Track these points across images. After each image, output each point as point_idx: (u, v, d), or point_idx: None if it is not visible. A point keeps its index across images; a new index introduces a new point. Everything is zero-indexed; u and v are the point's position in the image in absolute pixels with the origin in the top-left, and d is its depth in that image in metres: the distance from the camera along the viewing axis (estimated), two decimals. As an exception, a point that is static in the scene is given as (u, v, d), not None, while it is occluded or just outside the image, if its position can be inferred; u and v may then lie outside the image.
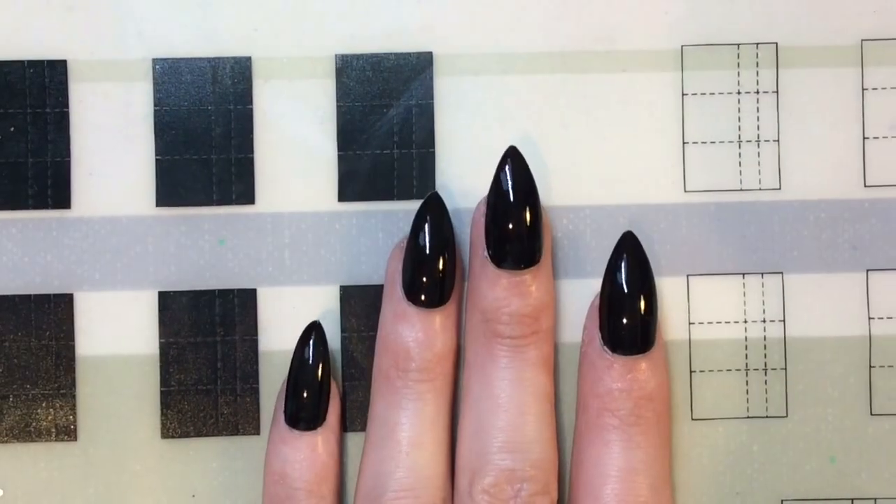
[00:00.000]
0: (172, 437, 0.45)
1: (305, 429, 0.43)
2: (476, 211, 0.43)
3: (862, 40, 0.45)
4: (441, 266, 0.42)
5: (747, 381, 0.45)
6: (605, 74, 0.45)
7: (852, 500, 0.45)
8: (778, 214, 0.45)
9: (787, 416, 0.45)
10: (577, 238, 0.45)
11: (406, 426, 0.42)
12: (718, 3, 0.45)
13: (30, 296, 0.44)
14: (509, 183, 0.42)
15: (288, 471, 0.42)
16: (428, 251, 0.42)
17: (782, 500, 0.45)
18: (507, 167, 0.42)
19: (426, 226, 0.42)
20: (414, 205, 0.44)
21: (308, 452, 0.42)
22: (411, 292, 0.42)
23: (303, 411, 0.43)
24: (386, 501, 0.41)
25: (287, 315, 0.45)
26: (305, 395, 0.43)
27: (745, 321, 0.45)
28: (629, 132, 0.45)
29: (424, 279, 0.42)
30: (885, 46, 0.45)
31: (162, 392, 0.44)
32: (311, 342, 0.43)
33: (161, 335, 0.45)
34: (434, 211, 0.43)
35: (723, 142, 0.45)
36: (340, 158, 0.45)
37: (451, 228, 0.43)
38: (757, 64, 0.45)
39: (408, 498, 0.41)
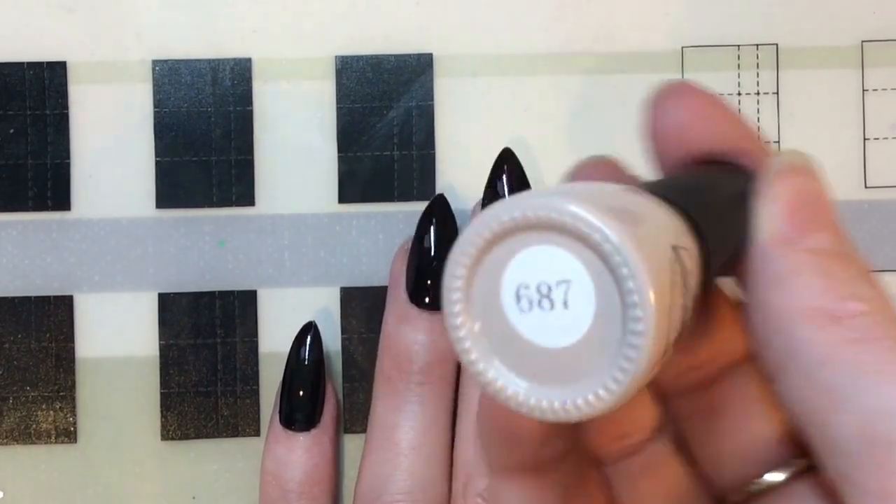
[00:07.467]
0: (172, 438, 0.44)
1: (299, 430, 0.43)
2: (472, 214, 0.43)
3: (862, 41, 0.45)
4: (445, 268, 0.42)
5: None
6: (605, 76, 0.45)
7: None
8: (778, 215, 0.45)
9: (787, 416, 0.45)
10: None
11: (405, 429, 0.42)
12: (718, 5, 0.45)
13: (30, 297, 0.44)
14: (505, 189, 0.42)
15: (281, 471, 0.42)
16: (433, 253, 0.42)
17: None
18: (503, 172, 0.42)
19: (432, 228, 0.42)
20: (414, 206, 0.44)
21: (301, 453, 0.42)
22: (415, 294, 0.42)
23: (297, 412, 0.43)
24: (383, 504, 0.41)
25: (287, 316, 0.45)
26: (300, 395, 0.43)
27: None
28: (629, 134, 0.45)
29: (429, 281, 0.42)
30: (885, 47, 0.45)
31: (162, 394, 0.44)
32: (307, 343, 0.43)
33: (161, 337, 0.44)
34: (440, 213, 0.42)
35: (723, 143, 0.45)
36: (340, 160, 0.45)
37: (456, 230, 0.43)
38: (757, 65, 0.45)
39: (405, 501, 0.41)
